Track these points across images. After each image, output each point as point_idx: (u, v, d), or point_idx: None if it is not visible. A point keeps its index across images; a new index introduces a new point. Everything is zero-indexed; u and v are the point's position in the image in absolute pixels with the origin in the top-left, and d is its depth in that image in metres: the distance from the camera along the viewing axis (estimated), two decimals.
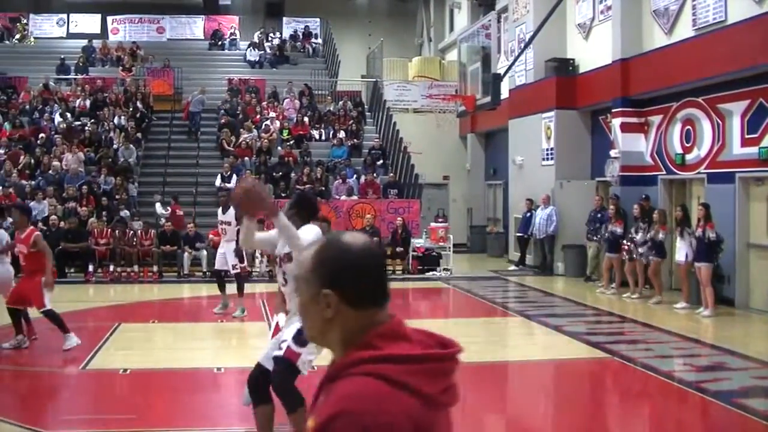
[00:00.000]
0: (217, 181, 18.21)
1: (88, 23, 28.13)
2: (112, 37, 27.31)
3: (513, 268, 17.59)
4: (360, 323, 1.56)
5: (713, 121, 12.65)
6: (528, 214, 17.14)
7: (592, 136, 16.81)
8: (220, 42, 27.47)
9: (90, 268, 15.33)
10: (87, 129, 19.86)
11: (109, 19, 28.03)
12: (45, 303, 8.48)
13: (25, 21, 27.16)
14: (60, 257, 14.19)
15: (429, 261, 16.92)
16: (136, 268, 15.64)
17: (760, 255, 11.80)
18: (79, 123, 20.33)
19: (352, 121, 21.88)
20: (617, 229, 13.45)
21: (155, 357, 8.77)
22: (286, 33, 28.27)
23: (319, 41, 28.15)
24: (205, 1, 29.18)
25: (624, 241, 13.13)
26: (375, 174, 19.31)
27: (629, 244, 12.94)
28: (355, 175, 19.17)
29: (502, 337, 10.78)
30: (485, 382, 8.07)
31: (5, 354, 8.55)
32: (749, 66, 11.33)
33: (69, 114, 20.60)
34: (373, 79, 24.62)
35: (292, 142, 20.49)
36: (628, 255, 13.00)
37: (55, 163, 18.06)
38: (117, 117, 20.53)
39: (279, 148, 20.18)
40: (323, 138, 21.43)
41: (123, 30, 27.88)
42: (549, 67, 17.03)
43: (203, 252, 15.62)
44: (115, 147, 19.36)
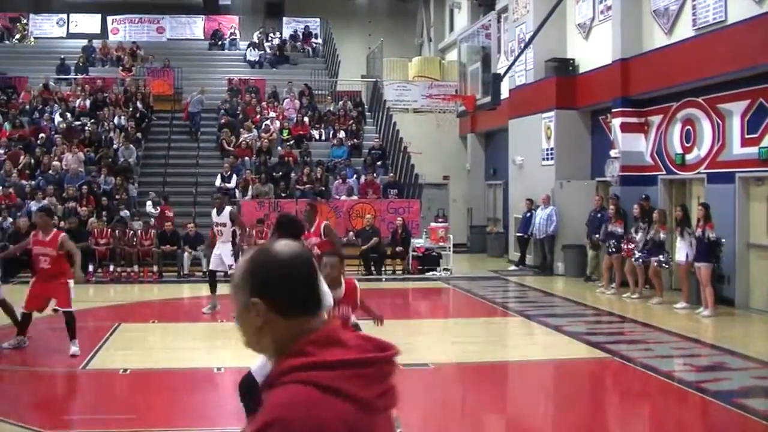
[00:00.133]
0: (217, 181, 18.21)
1: (88, 23, 28.14)
2: (112, 37, 27.32)
3: (513, 268, 17.59)
4: (290, 331, 1.57)
5: (713, 121, 12.65)
6: (528, 214, 17.14)
7: (592, 136, 16.81)
8: (220, 42, 27.48)
9: (90, 268, 15.31)
10: (87, 129, 19.87)
11: (109, 19, 28.04)
12: (71, 304, 8.45)
13: (25, 21, 27.17)
14: None
15: (429, 261, 16.91)
16: (136, 268, 15.64)
17: (760, 255, 11.80)
18: (79, 123, 20.34)
19: (352, 121, 21.88)
20: (617, 229, 13.45)
21: (155, 357, 8.76)
22: (286, 33, 28.28)
23: (319, 41, 28.15)
24: (205, 1, 29.18)
25: (623, 245, 13.14)
26: (375, 174, 19.32)
27: (629, 245, 12.95)
28: (355, 175, 19.17)
29: (502, 337, 10.77)
30: (485, 382, 8.08)
31: (5, 354, 8.55)
32: (749, 66, 11.33)
33: (69, 114, 20.61)
34: (373, 79, 24.63)
35: (292, 142, 20.50)
36: (626, 253, 13.03)
37: (55, 163, 18.07)
38: (117, 117, 20.53)
39: (279, 148, 20.19)
40: (323, 138, 21.43)
41: (123, 30, 27.89)
42: (549, 67, 17.03)
43: (202, 252, 15.62)
44: (115, 147, 19.37)
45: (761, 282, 11.68)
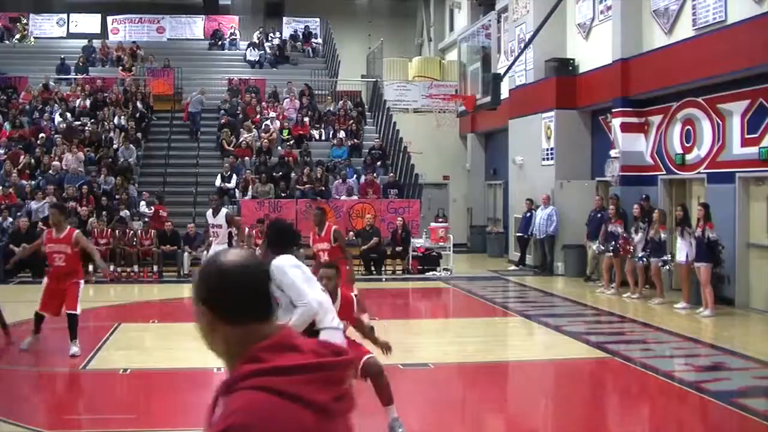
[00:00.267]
0: (217, 181, 18.22)
1: (88, 23, 28.12)
2: (112, 37, 27.30)
3: (513, 268, 17.59)
4: (238, 338, 1.60)
5: (713, 121, 12.65)
6: (528, 214, 17.13)
7: (592, 136, 16.81)
8: (220, 42, 27.46)
9: (90, 268, 15.28)
10: (87, 129, 19.87)
11: (109, 19, 28.02)
12: (78, 307, 8.38)
13: (25, 21, 27.15)
14: None
15: (429, 261, 16.91)
16: (136, 268, 15.64)
17: (760, 255, 11.80)
18: (79, 123, 20.34)
19: (352, 121, 21.88)
20: (617, 229, 13.45)
21: (155, 357, 8.77)
22: (286, 33, 28.25)
23: (319, 41, 28.14)
24: (205, 1, 29.18)
25: (620, 244, 13.14)
26: (375, 174, 19.32)
27: (628, 246, 12.95)
28: (355, 175, 19.18)
29: (502, 337, 10.77)
30: (485, 382, 8.08)
31: (5, 354, 8.55)
32: (749, 66, 11.33)
33: (69, 114, 20.60)
34: (373, 79, 24.62)
35: (292, 142, 20.49)
36: (623, 252, 13.04)
37: (55, 163, 18.07)
38: (117, 117, 20.53)
39: (279, 148, 20.18)
40: (323, 138, 21.43)
41: (123, 30, 27.87)
42: (549, 67, 17.03)
43: (203, 253, 15.59)
44: (115, 147, 19.36)
45: (761, 282, 11.68)
